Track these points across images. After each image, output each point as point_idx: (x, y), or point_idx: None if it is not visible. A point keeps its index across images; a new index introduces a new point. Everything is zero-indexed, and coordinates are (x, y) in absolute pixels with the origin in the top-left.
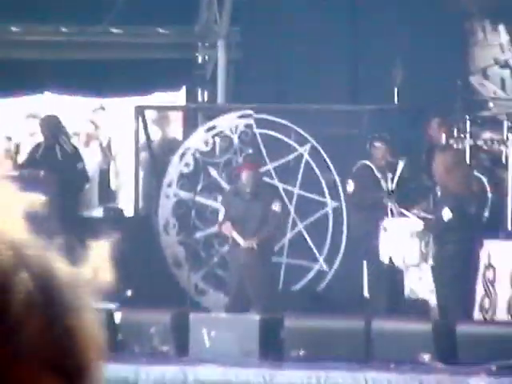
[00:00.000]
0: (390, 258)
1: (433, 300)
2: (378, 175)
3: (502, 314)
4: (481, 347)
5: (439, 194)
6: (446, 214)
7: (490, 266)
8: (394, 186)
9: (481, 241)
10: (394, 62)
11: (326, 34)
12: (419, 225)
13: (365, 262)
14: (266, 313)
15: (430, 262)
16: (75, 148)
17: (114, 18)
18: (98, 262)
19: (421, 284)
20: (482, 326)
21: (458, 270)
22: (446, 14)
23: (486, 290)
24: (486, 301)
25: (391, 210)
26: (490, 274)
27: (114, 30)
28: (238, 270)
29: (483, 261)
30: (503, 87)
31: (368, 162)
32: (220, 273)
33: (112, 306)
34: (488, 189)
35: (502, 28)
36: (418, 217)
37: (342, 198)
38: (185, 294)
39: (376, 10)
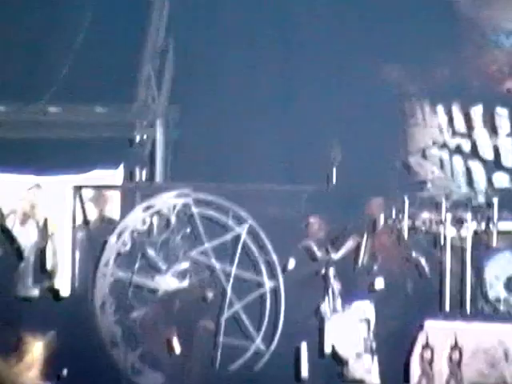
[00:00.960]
0: (333, 347)
1: (370, 379)
2: (319, 254)
3: None
4: None
5: (375, 269)
6: (379, 284)
7: (427, 345)
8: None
9: (420, 321)
10: (332, 141)
11: (263, 114)
12: (361, 310)
13: (303, 343)
14: None
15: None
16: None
17: (52, 97)
18: (30, 360)
19: (359, 363)
20: None
21: (396, 350)
22: (386, 94)
23: (423, 370)
24: (424, 381)
25: (332, 290)
26: (427, 354)
27: (52, 109)
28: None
29: (421, 341)
30: (442, 168)
31: (309, 242)
32: (157, 352)
33: None
34: (426, 269)
35: (440, 109)
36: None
37: (280, 277)
38: (121, 374)
39: (314, 91)
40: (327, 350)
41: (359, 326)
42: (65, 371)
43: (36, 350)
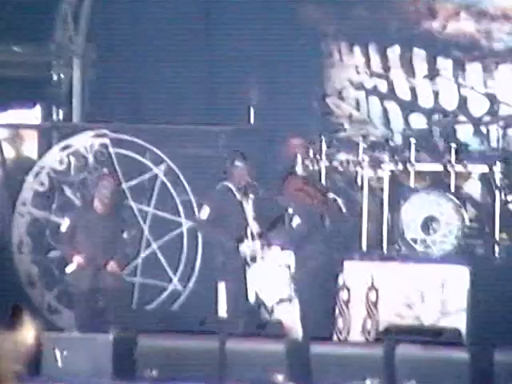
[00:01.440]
0: (258, 297)
1: (287, 320)
2: (239, 196)
3: (355, 335)
4: (334, 367)
5: (292, 212)
6: (296, 221)
7: (344, 286)
8: (254, 207)
9: (338, 261)
10: (250, 82)
11: (182, 53)
12: (282, 254)
13: (221, 282)
14: (120, 332)
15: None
16: None
17: None
18: None
19: (278, 306)
20: (336, 347)
21: (314, 289)
22: (303, 35)
23: (340, 311)
24: (340, 321)
25: (251, 233)
26: (344, 295)
27: None
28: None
29: (339, 281)
30: (358, 108)
31: (228, 183)
32: (74, 292)
33: None
34: (343, 210)
35: (357, 49)
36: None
37: (198, 218)
38: (38, 313)
39: (231, 29)
40: (251, 298)
41: (280, 271)
42: None
43: None
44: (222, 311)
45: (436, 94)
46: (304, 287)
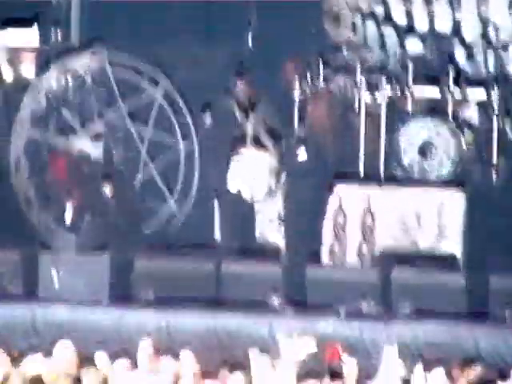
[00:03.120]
0: (239, 191)
1: (282, 243)
2: (239, 113)
3: (351, 259)
4: (330, 291)
5: (297, 133)
6: (302, 154)
7: (340, 210)
8: (254, 123)
9: (332, 185)
10: (248, 4)
11: None
12: (273, 160)
13: (216, 203)
14: (117, 253)
15: (281, 202)
16: None
17: None
18: None
19: (271, 226)
20: (331, 270)
21: (308, 213)
22: None
23: (336, 234)
24: (336, 245)
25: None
26: (340, 219)
27: None
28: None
29: (334, 205)
30: (355, 32)
31: (231, 102)
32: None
33: None
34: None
35: None
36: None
37: (195, 139)
38: (35, 234)
39: None
40: (232, 190)
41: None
42: None
43: None
44: (217, 233)
45: (431, 18)
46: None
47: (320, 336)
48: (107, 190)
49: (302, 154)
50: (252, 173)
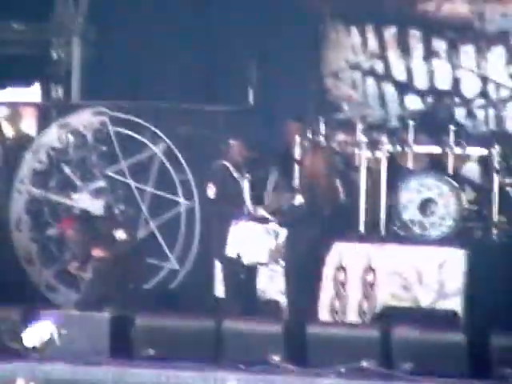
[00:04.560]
0: (239, 255)
1: (283, 300)
2: (235, 174)
3: (352, 316)
4: (331, 349)
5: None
6: (298, 199)
7: (341, 267)
8: (249, 185)
9: (333, 242)
10: (249, 62)
11: (182, 33)
12: (273, 223)
13: (217, 262)
14: (117, 311)
15: (281, 261)
16: None
17: None
18: None
19: (272, 284)
20: (332, 328)
21: (309, 271)
22: (301, 15)
23: (336, 292)
24: (337, 302)
25: (248, 210)
26: (341, 276)
27: None
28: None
29: (335, 262)
30: (355, 90)
31: (225, 162)
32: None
33: None
34: (341, 191)
35: (354, 30)
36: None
37: (196, 197)
38: (36, 291)
39: (231, 9)
40: (231, 254)
41: (268, 239)
42: None
43: None
44: (219, 291)
45: (431, 75)
46: (295, 267)
47: None
48: (108, 246)
49: (298, 199)
50: (251, 237)
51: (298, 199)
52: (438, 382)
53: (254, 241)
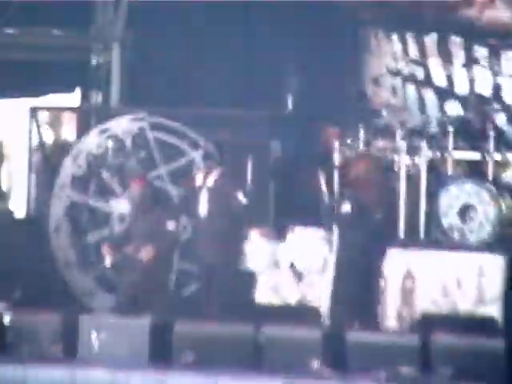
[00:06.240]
0: (293, 265)
1: (325, 307)
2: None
3: (391, 323)
4: (370, 355)
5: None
6: (346, 207)
7: (382, 274)
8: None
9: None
10: (288, 68)
11: (221, 39)
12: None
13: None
14: (157, 317)
15: (327, 268)
16: None
17: (9, 19)
18: None
19: (312, 290)
20: (371, 335)
21: (354, 278)
22: (341, 22)
23: (377, 299)
24: (377, 309)
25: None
26: (382, 283)
27: (9, 31)
28: (129, 273)
29: (381, 269)
30: (395, 96)
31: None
32: (111, 275)
33: (0, 306)
34: (382, 198)
35: (394, 37)
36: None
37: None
38: (75, 296)
39: (271, 16)
40: (286, 265)
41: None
42: (17, 292)
43: None
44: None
45: (472, 82)
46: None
47: None
48: (148, 252)
49: (346, 207)
50: (305, 247)
51: (346, 207)
52: None
53: (307, 248)
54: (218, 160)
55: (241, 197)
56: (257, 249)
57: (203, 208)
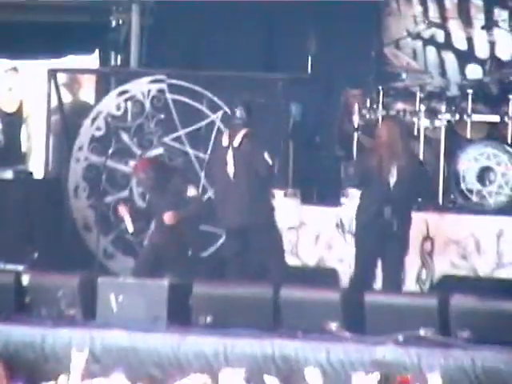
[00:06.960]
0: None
1: (341, 268)
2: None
3: (410, 285)
4: (388, 317)
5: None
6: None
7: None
8: None
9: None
10: (308, 30)
11: (241, 3)
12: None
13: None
14: (175, 278)
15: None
16: None
17: None
18: None
19: (331, 253)
20: (390, 297)
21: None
22: None
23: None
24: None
25: None
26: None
27: None
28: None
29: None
30: (415, 59)
31: None
32: (129, 237)
33: (19, 267)
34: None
35: None
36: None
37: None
38: (93, 258)
39: None
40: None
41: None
42: (36, 253)
43: None
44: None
45: (492, 45)
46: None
47: (378, 362)
48: (170, 217)
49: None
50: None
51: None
52: (495, 350)
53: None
54: (244, 120)
55: (267, 157)
56: (283, 209)
57: (230, 169)
